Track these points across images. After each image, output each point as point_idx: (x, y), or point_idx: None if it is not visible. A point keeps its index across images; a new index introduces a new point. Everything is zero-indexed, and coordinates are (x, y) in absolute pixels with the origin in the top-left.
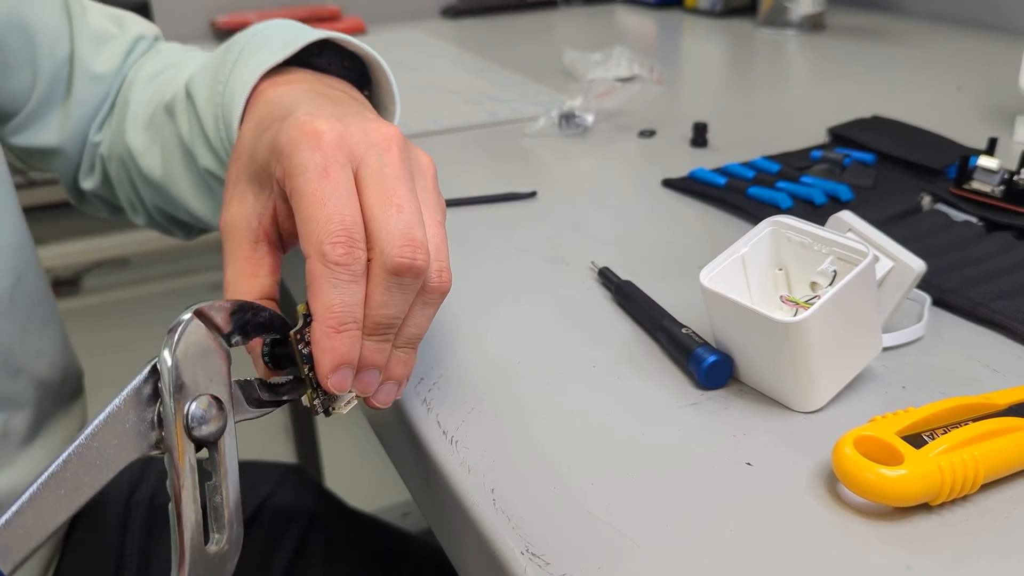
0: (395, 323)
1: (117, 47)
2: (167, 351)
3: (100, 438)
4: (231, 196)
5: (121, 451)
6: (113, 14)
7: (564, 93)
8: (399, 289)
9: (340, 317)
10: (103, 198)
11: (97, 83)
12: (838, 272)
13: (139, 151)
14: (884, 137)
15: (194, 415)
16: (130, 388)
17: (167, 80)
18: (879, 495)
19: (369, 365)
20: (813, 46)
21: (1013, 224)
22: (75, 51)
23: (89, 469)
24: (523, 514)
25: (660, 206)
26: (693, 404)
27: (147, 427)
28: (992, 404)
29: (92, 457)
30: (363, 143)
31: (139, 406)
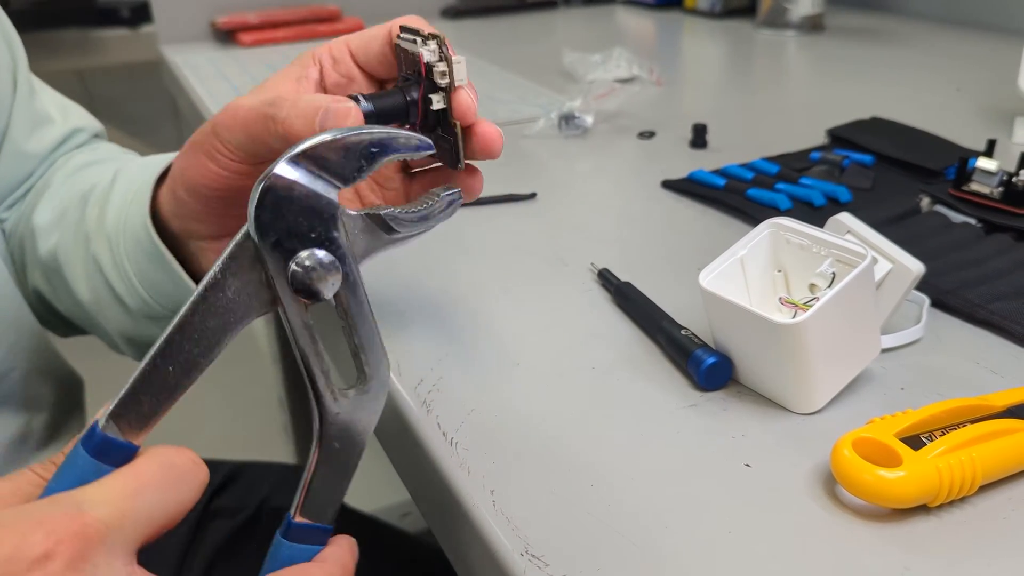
0: None
1: (52, 132)
2: (252, 207)
3: (196, 318)
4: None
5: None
6: (61, 103)
7: (564, 94)
8: None
9: None
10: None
11: (22, 161)
12: (837, 274)
13: (40, 232)
14: (883, 138)
15: (298, 272)
16: (224, 257)
17: (95, 172)
18: (877, 497)
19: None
20: (812, 47)
21: (1012, 226)
22: (9, 126)
23: (197, 342)
24: (523, 515)
25: (659, 207)
26: (692, 405)
27: (255, 290)
28: (990, 406)
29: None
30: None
31: (243, 272)
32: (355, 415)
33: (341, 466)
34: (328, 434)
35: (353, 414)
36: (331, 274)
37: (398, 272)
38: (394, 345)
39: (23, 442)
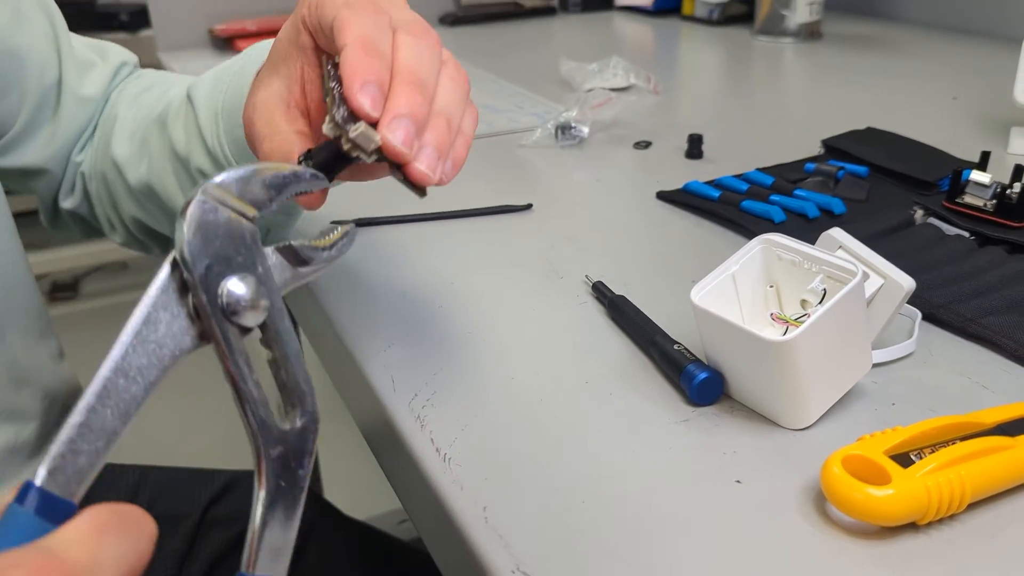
0: (426, 77)
1: (102, 72)
2: (181, 230)
3: (131, 356)
4: (253, 90)
5: (157, 362)
6: (94, 44)
7: (561, 103)
8: (422, 48)
9: (371, 44)
10: (80, 217)
11: (84, 105)
12: (828, 290)
13: (125, 163)
14: (878, 149)
15: (233, 291)
16: (150, 294)
17: (155, 96)
18: (866, 514)
19: (404, 114)
20: (809, 54)
21: (1005, 238)
22: (63, 76)
23: (134, 380)
24: (515, 532)
25: (654, 218)
26: (684, 421)
27: (185, 324)
28: (979, 423)
29: (126, 375)
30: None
31: (171, 305)
32: (291, 451)
33: (289, 509)
34: (272, 471)
35: (289, 450)
36: (260, 300)
37: (391, 285)
38: (388, 359)
39: (13, 452)
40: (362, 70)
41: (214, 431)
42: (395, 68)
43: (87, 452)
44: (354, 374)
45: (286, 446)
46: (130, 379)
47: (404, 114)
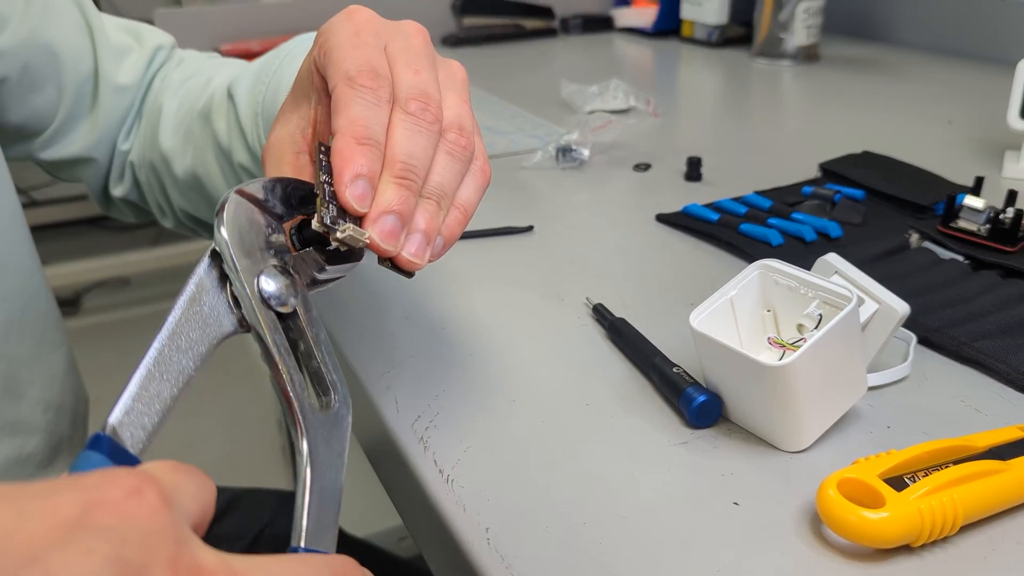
0: (417, 165)
1: (138, 59)
2: (220, 229)
3: (183, 326)
4: (275, 123)
5: (204, 334)
6: (129, 27)
7: (562, 126)
8: (416, 130)
9: (364, 130)
10: (132, 203)
11: (122, 94)
12: (824, 316)
13: (172, 155)
14: (874, 173)
15: (264, 287)
16: (196, 275)
17: (197, 86)
18: (861, 537)
19: (390, 210)
20: (807, 77)
21: (999, 263)
22: (98, 66)
23: (179, 360)
24: (516, 553)
25: (654, 241)
26: (683, 443)
27: (226, 309)
28: (972, 447)
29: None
30: (392, 27)
31: (212, 291)
32: (330, 430)
33: (332, 487)
34: (317, 455)
35: (328, 429)
36: (292, 291)
37: (394, 306)
38: (391, 381)
39: (18, 464)
40: (352, 163)
41: (215, 449)
42: (387, 155)
43: (147, 413)
44: (358, 395)
45: (325, 425)
46: (182, 351)
47: (391, 210)
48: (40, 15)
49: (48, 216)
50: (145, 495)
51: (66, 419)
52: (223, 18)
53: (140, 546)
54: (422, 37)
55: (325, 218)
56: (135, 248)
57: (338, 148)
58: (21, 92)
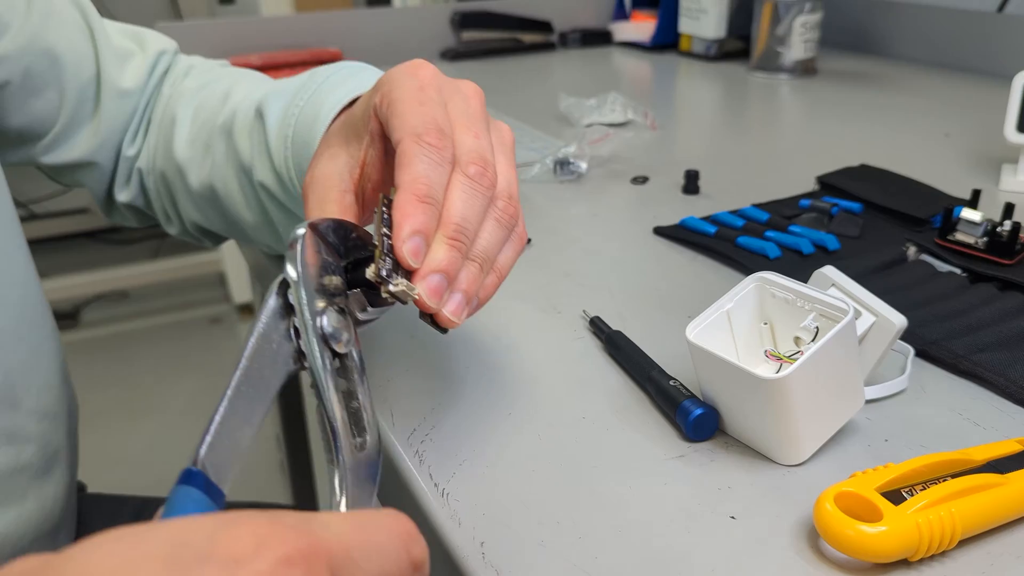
0: (469, 228)
1: (141, 63)
2: (292, 266)
3: (257, 360)
4: (320, 156)
5: (275, 370)
6: (131, 32)
7: (560, 138)
8: (472, 194)
9: (426, 189)
10: (137, 209)
11: (125, 98)
12: (820, 328)
13: (188, 166)
14: (871, 186)
15: (326, 326)
16: (269, 308)
17: (214, 97)
18: (859, 551)
19: (439, 269)
20: (805, 90)
21: (996, 276)
22: (100, 70)
23: (255, 395)
24: (511, 567)
25: (651, 254)
26: (680, 456)
27: (286, 342)
28: (970, 460)
29: (255, 380)
30: (452, 86)
31: (277, 323)
32: (362, 479)
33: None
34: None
35: (362, 477)
36: (347, 332)
37: (391, 320)
38: (387, 394)
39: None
40: (411, 220)
41: None
42: (443, 215)
43: (225, 449)
44: None
45: (359, 467)
46: (255, 387)
47: (440, 269)
48: (41, 20)
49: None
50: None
51: (60, 428)
52: (223, 32)
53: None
54: (479, 100)
55: (382, 270)
56: (134, 261)
57: (400, 204)
58: (23, 97)
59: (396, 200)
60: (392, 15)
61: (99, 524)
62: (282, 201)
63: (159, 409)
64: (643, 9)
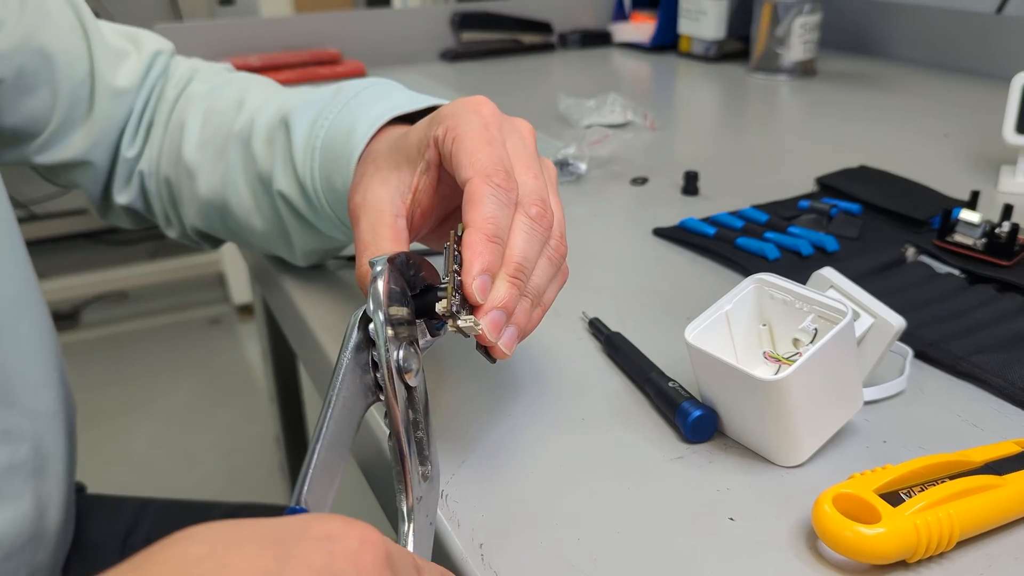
0: (529, 267)
1: (136, 63)
2: (374, 302)
3: (344, 393)
4: (371, 178)
5: (358, 400)
6: (127, 32)
7: (559, 139)
8: (533, 234)
9: (495, 228)
10: (134, 212)
11: (119, 98)
12: (819, 330)
13: (198, 170)
14: (870, 187)
15: (400, 359)
16: (352, 341)
17: (226, 104)
18: (857, 553)
19: (500, 306)
20: (804, 91)
21: (994, 277)
22: (95, 69)
23: (347, 422)
24: (510, 569)
25: (651, 255)
26: (679, 458)
27: (365, 374)
28: (969, 461)
29: (344, 410)
30: (510, 125)
31: (359, 356)
32: (426, 506)
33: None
34: (416, 521)
35: (425, 504)
36: (417, 363)
37: None
38: None
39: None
40: (480, 259)
41: (214, 464)
42: (507, 255)
43: (320, 485)
44: None
45: (425, 494)
46: (344, 420)
47: (501, 306)
48: (34, 18)
49: (47, 230)
50: (375, 547)
51: (57, 428)
52: (223, 33)
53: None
54: (533, 138)
55: (452, 306)
56: (134, 262)
57: (471, 243)
58: (16, 96)
59: (466, 239)
60: (392, 16)
61: (98, 524)
62: (301, 211)
63: (158, 409)
64: (643, 10)
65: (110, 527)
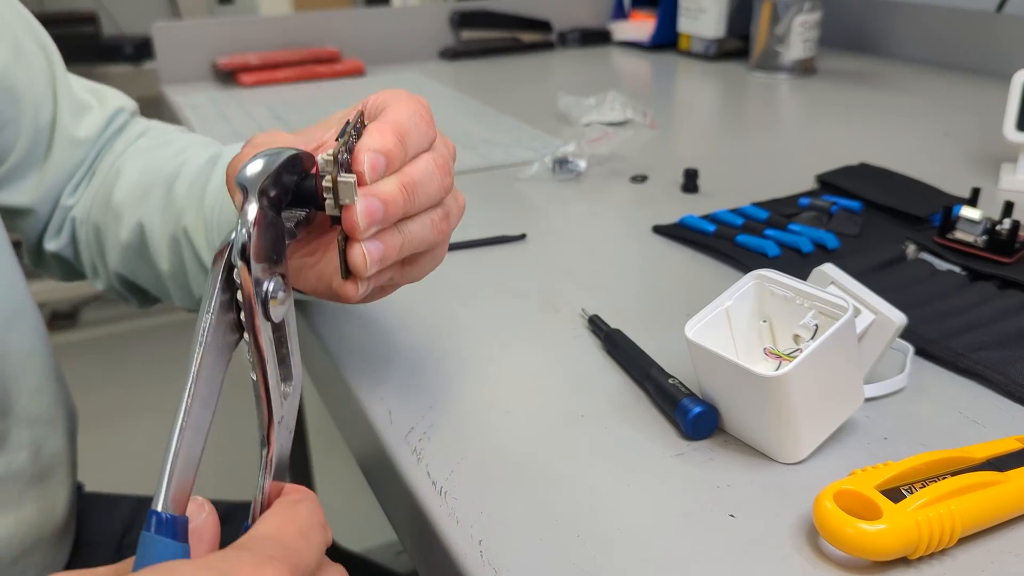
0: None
1: (97, 116)
2: (242, 234)
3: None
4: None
5: (221, 363)
6: (93, 87)
7: (559, 137)
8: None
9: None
10: (64, 260)
11: (76, 147)
12: (820, 326)
13: (123, 211)
14: (870, 185)
15: (268, 295)
16: (215, 292)
17: (167, 154)
18: (858, 549)
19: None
20: (804, 90)
21: (995, 274)
22: (57, 116)
23: (207, 400)
24: (509, 566)
25: (650, 252)
26: (679, 455)
27: (230, 316)
28: (970, 458)
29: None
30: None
31: (224, 300)
32: (288, 417)
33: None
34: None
35: (287, 416)
36: (288, 298)
37: (388, 318)
38: (385, 393)
39: (6, 481)
40: (383, 142)
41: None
42: (406, 168)
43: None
44: (351, 407)
45: (287, 415)
46: (207, 394)
47: (385, 200)
48: (9, 56)
49: None
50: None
51: (57, 433)
52: (222, 31)
53: None
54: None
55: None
56: None
57: (378, 127)
58: None
59: (378, 120)
60: (391, 15)
61: (96, 523)
62: (198, 251)
63: (157, 409)
64: (642, 8)
65: (107, 525)
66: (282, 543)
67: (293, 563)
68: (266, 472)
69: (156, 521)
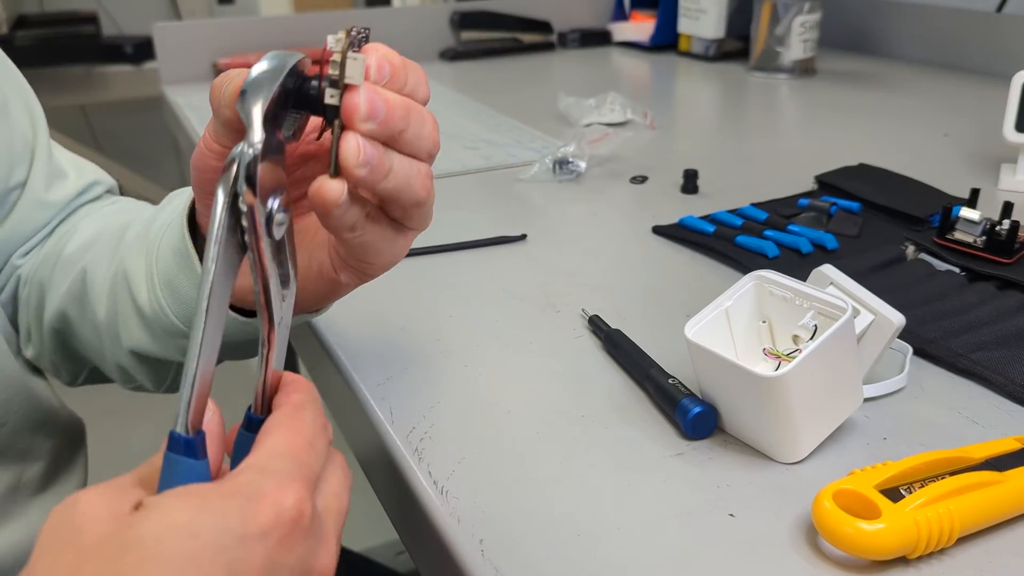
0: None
1: (71, 185)
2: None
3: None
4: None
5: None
6: (75, 161)
7: (559, 138)
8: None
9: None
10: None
11: (42, 209)
12: (819, 326)
13: (68, 264)
14: (870, 185)
15: (273, 215)
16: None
17: (126, 216)
18: (857, 549)
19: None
20: (804, 90)
21: (995, 274)
22: (30, 178)
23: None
24: (511, 566)
25: (650, 253)
26: (679, 454)
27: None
28: (969, 458)
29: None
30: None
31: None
32: (285, 315)
33: (280, 361)
34: (280, 337)
35: (285, 315)
36: (287, 219)
37: (389, 318)
38: (386, 392)
39: (16, 491)
40: (392, 54)
41: None
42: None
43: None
44: (353, 407)
45: (284, 313)
46: (217, 316)
47: (387, 101)
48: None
49: None
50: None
51: (58, 443)
52: (222, 31)
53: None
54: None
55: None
56: None
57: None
58: None
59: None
60: (392, 15)
61: None
62: (134, 296)
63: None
64: (642, 9)
65: None
66: (295, 458)
67: (307, 477)
68: (265, 365)
69: (179, 443)
